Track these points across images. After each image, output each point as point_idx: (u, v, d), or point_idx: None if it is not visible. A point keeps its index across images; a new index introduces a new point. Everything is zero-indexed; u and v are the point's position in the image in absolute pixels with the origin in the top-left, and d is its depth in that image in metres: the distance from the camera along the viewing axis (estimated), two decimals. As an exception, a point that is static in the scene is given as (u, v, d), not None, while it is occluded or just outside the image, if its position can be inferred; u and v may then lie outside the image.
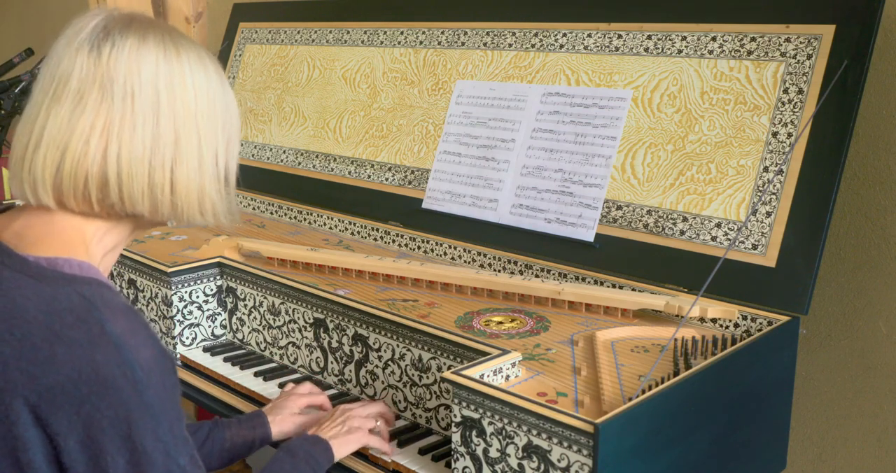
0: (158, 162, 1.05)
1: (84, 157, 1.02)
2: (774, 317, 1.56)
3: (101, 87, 1.03)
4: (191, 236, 2.34)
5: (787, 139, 1.65)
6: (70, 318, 0.96)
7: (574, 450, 1.16)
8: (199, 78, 1.09)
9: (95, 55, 1.03)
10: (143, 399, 0.96)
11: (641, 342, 1.60)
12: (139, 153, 1.04)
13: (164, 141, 1.05)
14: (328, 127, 2.50)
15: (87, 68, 1.03)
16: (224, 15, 3.16)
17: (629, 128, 1.86)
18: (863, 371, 1.83)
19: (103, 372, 0.94)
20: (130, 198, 1.05)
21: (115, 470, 0.95)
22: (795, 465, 1.93)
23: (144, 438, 0.96)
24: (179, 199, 1.08)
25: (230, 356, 1.85)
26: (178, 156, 1.07)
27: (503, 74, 2.11)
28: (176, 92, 1.06)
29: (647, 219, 1.79)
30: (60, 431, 0.94)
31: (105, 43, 1.04)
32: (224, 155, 1.12)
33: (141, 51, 1.05)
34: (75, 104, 1.02)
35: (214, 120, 1.10)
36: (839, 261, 1.82)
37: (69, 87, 1.03)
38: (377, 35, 2.45)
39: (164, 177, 1.06)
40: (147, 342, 0.99)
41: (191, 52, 1.09)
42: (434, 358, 1.50)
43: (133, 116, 1.03)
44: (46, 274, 1.00)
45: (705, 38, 1.80)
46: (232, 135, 1.14)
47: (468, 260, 2.02)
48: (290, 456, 1.33)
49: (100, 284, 1.02)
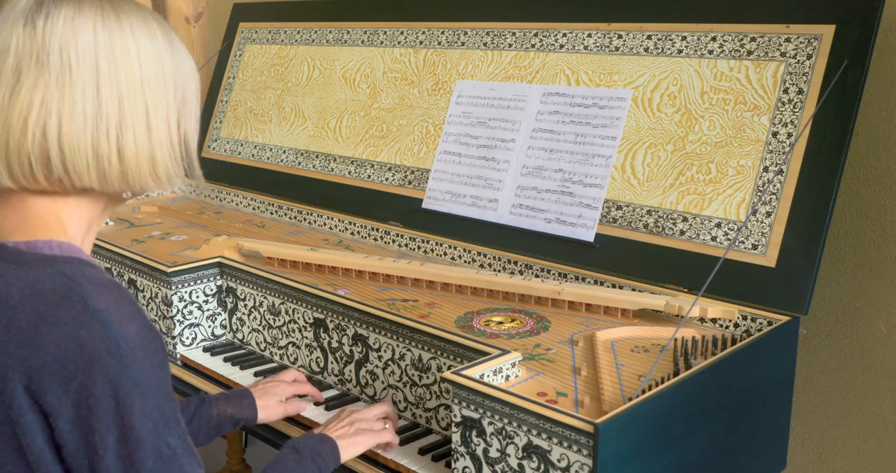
0: (103, 132, 1.02)
1: (24, 136, 1.00)
2: (774, 317, 1.56)
3: (37, 61, 1.00)
4: (191, 236, 2.34)
5: (787, 139, 1.65)
6: (53, 298, 0.96)
7: (574, 450, 1.16)
8: (144, 42, 1.05)
9: (30, 28, 1.00)
10: (129, 374, 0.95)
11: (641, 342, 1.60)
12: (80, 125, 1.01)
13: (107, 111, 1.02)
14: (328, 127, 2.50)
15: (23, 42, 1.00)
16: (224, 15, 3.16)
17: (629, 128, 1.86)
18: (863, 371, 1.83)
19: (88, 348, 0.94)
20: (76, 172, 1.02)
21: (105, 448, 0.95)
22: (795, 465, 1.94)
23: (132, 414, 0.95)
24: (129, 169, 1.05)
25: (230, 356, 1.85)
26: (124, 124, 1.03)
27: (503, 74, 2.11)
28: (117, 59, 1.03)
29: (647, 219, 1.79)
30: (52, 411, 0.94)
31: (39, 14, 1.01)
32: (178, 119, 1.09)
33: (76, 20, 1.01)
34: (14, 82, 1.00)
35: (163, 84, 1.06)
36: (839, 261, 1.82)
37: (6, 65, 1.00)
38: (377, 35, 2.45)
39: (109, 148, 1.03)
40: (132, 316, 0.98)
41: (133, 16, 1.05)
42: (434, 358, 1.50)
43: (72, 88, 1.00)
44: (27, 258, 1.01)
45: (705, 38, 1.80)
46: (188, 98, 1.10)
47: (468, 260, 2.02)
48: (296, 453, 1.32)
49: (81, 262, 1.02)
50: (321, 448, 1.35)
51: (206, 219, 2.53)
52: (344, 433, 1.40)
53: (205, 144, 2.89)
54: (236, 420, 1.50)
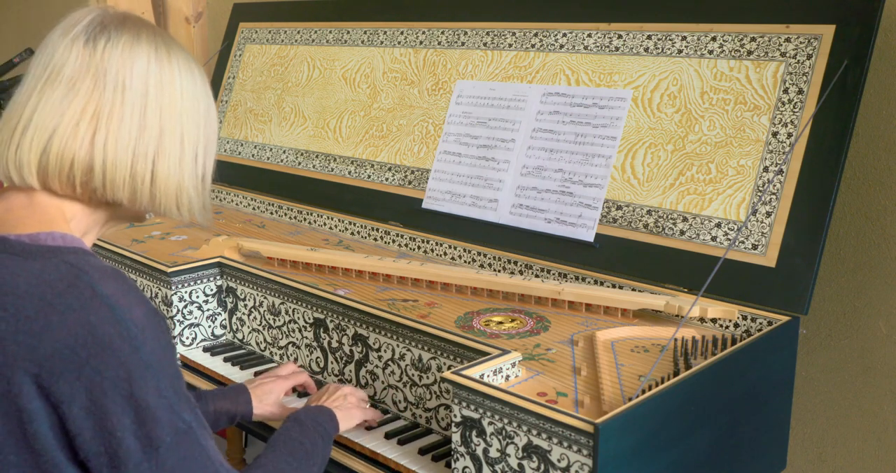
0: (142, 152, 1.09)
1: (72, 140, 1.06)
2: (774, 317, 1.56)
3: (94, 77, 1.07)
4: (191, 236, 2.34)
5: (787, 139, 1.65)
6: (61, 286, 0.99)
7: (574, 450, 1.16)
8: (186, 80, 1.13)
9: (91, 47, 1.07)
10: (140, 356, 0.99)
11: (641, 342, 1.60)
12: (125, 143, 1.08)
13: (149, 134, 1.09)
14: (328, 127, 2.50)
15: (81, 59, 1.07)
16: (224, 15, 3.16)
17: (629, 128, 1.86)
18: (863, 371, 1.83)
19: (99, 333, 0.97)
20: (112, 185, 1.09)
21: (122, 431, 0.97)
22: (795, 465, 1.94)
23: (147, 395, 0.98)
24: (158, 191, 1.12)
25: (230, 356, 1.85)
26: (161, 149, 1.11)
27: (503, 74, 2.11)
28: (164, 89, 1.11)
29: (647, 219, 1.79)
30: (63, 399, 0.96)
31: (101, 37, 1.08)
32: (203, 154, 1.16)
33: (135, 48, 1.09)
34: (67, 90, 1.06)
35: (197, 120, 1.15)
36: (839, 261, 1.82)
37: (62, 75, 1.07)
38: (377, 35, 2.45)
39: (145, 168, 1.10)
40: (138, 301, 1.02)
41: (180, 56, 1.14)
42: (434, 358, 1.50)
43: (122, 107, 1.08)
44: (31, 250, 1.03)
45: (705, 38, 1.80)
46: (210, 137, 1.18)
47: (468, 260, 2.02)
48: (299, 425, 1.36)
49: (84, 252, 1.06)
50: (322, 418, 1.40)
51: (206, 219, 2.52)
52: (340, 404, 1.47)
53: (205, 144, 2.88)
54: (232, 415, 1.52)
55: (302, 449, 1.31)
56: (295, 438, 1.33)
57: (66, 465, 0.98)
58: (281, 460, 1.27)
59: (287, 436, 1.33)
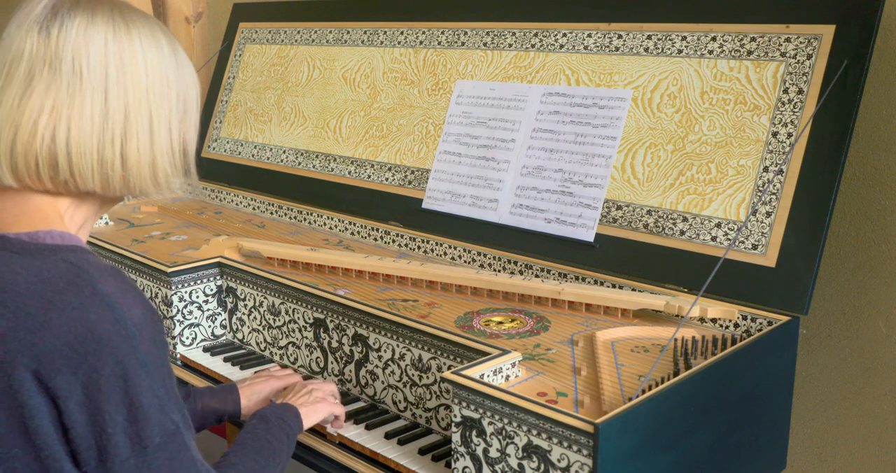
0: (108, 139, 1.07)
1: (33, 138, 1.04)
2: (774, 317, 1.56)
3: (50, 67, 1.04)
4: (191, 236, 2.34)
5: (787, 139, 1.65)
6: (61, 283, 0.99)
7: (574, 450, 1.16)
8: (151, 53, 1.10)
9: (45, 35, 1.05)
10: (137, 355, 0.99)
11: (641, 342, 1.60)
12: (88, 132, 1.06)
13: (114, 118, 1.07)
14: (328, 127, 2.50)
15: (36, 49, 1.04)
16: (224, 15, 3.16)
17: (629, 128, 1.86)
18: (863, 371, 1.83)
19: (98, 330, 0.97)
20: (81, 175, 1.07)
21: (114, 427, 0.98)
22: (795, 465, 1.94)
23: (141, 394, 0.99)
24: (131, 174, 1.10)
25: (230, 356, 1.85)
26: (129, 132, 1.08)
27: (503, 74, 2.11)
28: (126, 69, 1.07)
29: (647, 219, 1.79)
30: (61, 394, 0.97)
31: (54, 23, 1.05)
32: (179, 127, 1.14)
33: (89, 29, 1.06)
34: (26, 85, 1.04)
35: (167, 93, 1.11)
36: (839, 261, 1.82)
37: (20, 69, 1.05)
38: (377, 35, 2.45)
39: (114, 154, 1.08)
40: (136, 300, 1.02)
41: (142, 28, 1.10)
42: (434, 358, 1.50)
43: (82, 95, 1.05)
44: (30, 248, 1.04)
45: (705, 38, 1.80)
46: (189, 107, 1.15)
47: (468, 260, 2.02)
48: (265, 423, 1.37)
49: (83, 250, 1.06)
50: (287, 415, 1.41)
51: (206, 219, 2.53)
52: (305, 401, 1.48)
53: (205, 144, 2.89)
54: (219, 415, 1.53)
55: (269, 448, 1.32)
56: (262, 436, 1.34)
57: (66, 460, 0.99)
58: (249, 458, 1.28)
59: (255, 434, 1.34)
